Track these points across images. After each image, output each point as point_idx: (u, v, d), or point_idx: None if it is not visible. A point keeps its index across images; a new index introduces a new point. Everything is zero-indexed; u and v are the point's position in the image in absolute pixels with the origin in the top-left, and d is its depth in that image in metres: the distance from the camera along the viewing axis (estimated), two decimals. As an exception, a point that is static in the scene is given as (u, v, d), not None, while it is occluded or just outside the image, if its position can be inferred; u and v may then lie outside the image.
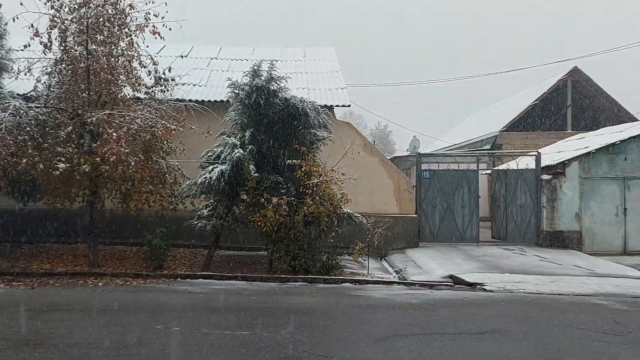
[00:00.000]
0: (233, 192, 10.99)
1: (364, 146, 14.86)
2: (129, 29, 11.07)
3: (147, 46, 11.51)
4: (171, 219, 11.81)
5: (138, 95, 11.43)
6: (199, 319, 7.18)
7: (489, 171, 19.14)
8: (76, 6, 10.73)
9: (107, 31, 10.85)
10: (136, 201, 10.63)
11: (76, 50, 10.85)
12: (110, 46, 10.94)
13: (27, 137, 10.10)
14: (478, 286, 10.22)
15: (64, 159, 9.86)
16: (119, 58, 11.04)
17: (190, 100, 12.51)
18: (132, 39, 11.11)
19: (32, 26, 10.26)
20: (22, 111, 10.34)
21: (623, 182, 15.04)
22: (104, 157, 9.65)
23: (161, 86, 11.34)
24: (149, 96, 11.38)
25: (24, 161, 9.76)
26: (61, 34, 10.65)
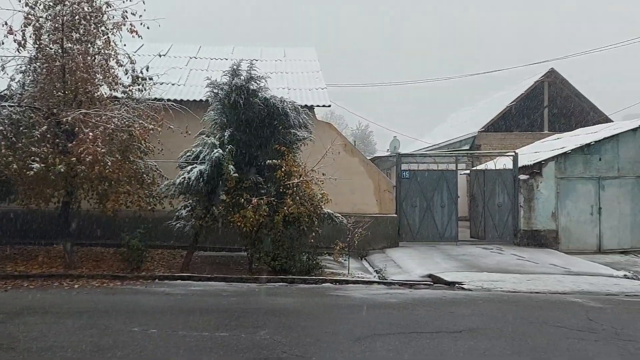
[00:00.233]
0: (212, 193, 10.93)
1: (345, 146, 14.89)
2: (106, 27, 10.94)
3: (125, 45, 11.37)
4: (149, 220, 11.67)
5: (115, 94, 11.32)
6: (177, 321, 7.10)
7: (468, 171, 19.35)
8: (51, 3, 10.56)
9: (83, 29, 10.70)
10: (113, 202, 10.52)
11: (51, 48, 10.67)
12: (86, 44, 10.80)
13: (1, 137, 9.93)
14: (456, 285, 10.33)
15: (39, 159, 9.69)
16: (96, 57, 10.92)
17: (168, 99, 12.44)
18: (109, 38, 10.98)
19: (6, 24, 10.11)
20: (-5, 110, 10.14)
21: (598, 182, 15.34)
22: (80, 157, 9.51)
23: (139, 85, 11.24)
24: (127, 95, 11.26)
25: (-3, 161, 9.57)
26: (36, 32, 10.47)
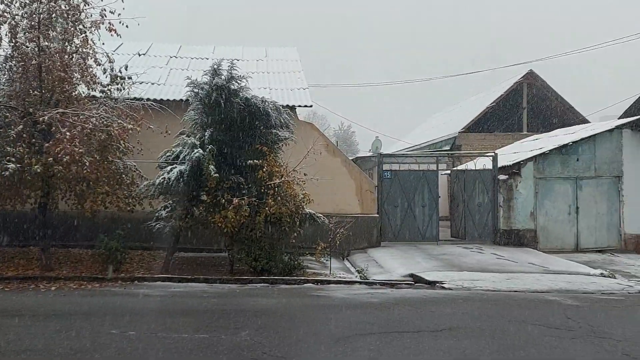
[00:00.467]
0: (192, 193, 10.83)
1: (327, 146, 14.90)
2: (84, 26, 10.79)
3: (103, 43, 11.23)
4: (129, 221, 11.55)
5: (93, 93, 11.19)
6: (156, 323, 7.02)
7: (449, 171, 19.50)
8: (27, 1, 10.37)
9: (60, 27, 10.57)
10: (92, 202, 10.39)
11: (27, 46, 10.48)
12: (63, 43, 10.65)
13: (-25, 137, 9.71)
14: (437, 284, 10.40)
15: (14, 159, 9.52)
16: (73, 55, 10.77)
17: (148, 99, 12.32)
18: (87, 36, 10.83)
19: (-20, 22, 9.89)
20: (-31, 109, 9.93)
21: (575, 182, 15.60)
22: (57, 157, 9.35)
23: (117, 84, 11.11)
24: (105, 95, 11.12)
25: (-29, 161, 9.37)
26: (11, 30, 10.28)
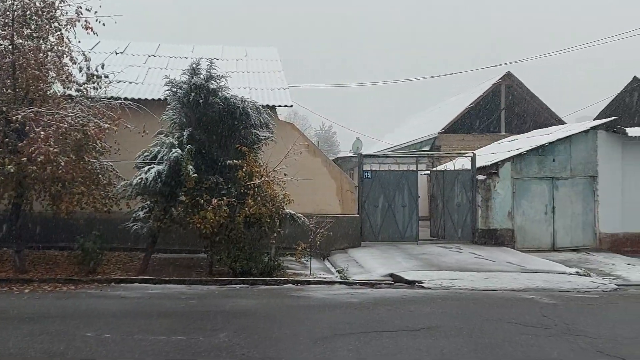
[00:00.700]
0: (171, 193, 10.72)
1: (307, 147, 14.89)
2: (59, 23, 10.63)
3: (79, 42, 11.09)
4: (105, 222, 11.38)
5: (69, 92, 11.01)
6: (133, 325, 6.92)
7: (428, 172, 19.65)
8: (0, -2, 10.16)
9: (35, 25, 10.36)
10: (67, 203, 10.21)
11: (0, 44, 10.26)
12: (38, 41, 10.46)
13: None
14: (417, 284, 10.47)
15: (-14, 159, 9.31)
16: (48, 53, 10.57)
17: (125, 98, 12.19)
18: (63, 34, 10.67)
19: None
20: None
21: (551, 182, 15.84)
22: (31, 157, 9.15)
23: (94, 83, 10.97)
24: (81, 93, 10.96)
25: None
26: (-16, 27, 10.06)
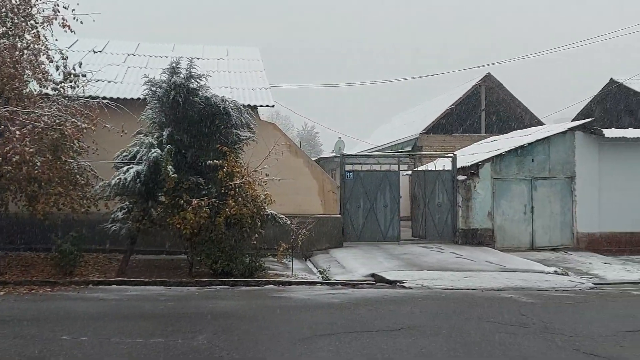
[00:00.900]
0: (150, 194, 10.61)
1: (289, 147, 14.84)
2: (35, 21, 10.47)
3: (57, 40, 10.92)
4: (83, 223, 11.18)
5: (46, 91, 10.81)
6: (110, 328, 6.81)
7: (410, 172, 19.76)
8: (-25, -6, 9.95)
9: (11, 22, 10.21)
10: (43, 204, 10.02)
11: (-26, 42, 10.05)
12: (13, 38, 10.28)
13: None
14: (398, 284, 10.51)
15: (-41, 159, 9.09)
16: (24, 51, 10.37)
17: (104, 97, 12.05)
18: (39, 32, 10.48)
19: None
20: None
21: (530, 182, 16.05)
22: (6, 157, 8.98)
23: (71, 82, 10.80)
24: (58, 92, 10.77)
25: None
26: (-43, 24, 9.84)
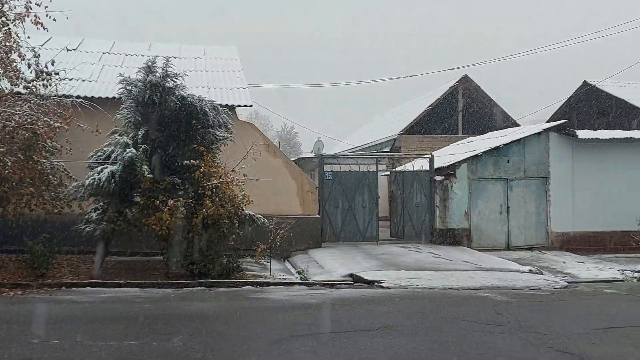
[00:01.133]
0: (125, 194, 10.44)
1: (267, 147, 14.78)
2: (7, 18, 10.19)
3: (29, 37, 10.65)
4: (56, 224, 10.97)
5: (17, 89, 10.56)
6: (83, 331, 6.67)
7: (388, 172, 19.86)
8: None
9: (-20, 19, 9.89)
10: (15, 205, 9.80)
11: (-58, 38, 9.77)
12: (-17, 36, 9.97)
13: None
14: (376, 283, 10.54)
15: None
16: (-5, 49, 10.09)
17: (78, 96, 11.85)
18: (10, 29, 10.21)
19: None
20: None
21: (506, 183, 16.27)
22: (-25, 157, 8.76)
23: (43, 80, 10.54)
24: (30, 91, 10.52)
25: None
26: None
